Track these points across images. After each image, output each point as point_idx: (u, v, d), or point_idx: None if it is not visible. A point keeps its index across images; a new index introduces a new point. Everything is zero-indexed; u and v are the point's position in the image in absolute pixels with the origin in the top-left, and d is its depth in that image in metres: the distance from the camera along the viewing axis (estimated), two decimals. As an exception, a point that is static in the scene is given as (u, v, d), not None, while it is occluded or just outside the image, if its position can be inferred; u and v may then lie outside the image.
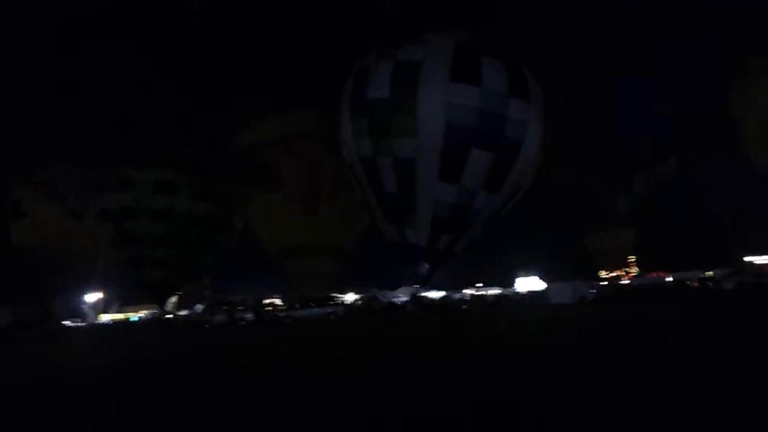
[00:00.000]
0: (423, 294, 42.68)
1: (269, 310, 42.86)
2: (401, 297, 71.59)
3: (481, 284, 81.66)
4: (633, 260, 64.86)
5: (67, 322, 65.76)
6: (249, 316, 44.88)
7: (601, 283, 49.26)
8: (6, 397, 12.88)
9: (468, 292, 72.80)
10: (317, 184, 41.72)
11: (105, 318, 75.91)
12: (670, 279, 56.56)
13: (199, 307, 75.03)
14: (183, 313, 73.76)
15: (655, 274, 59.02)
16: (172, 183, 44.78)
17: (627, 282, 54.11)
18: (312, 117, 41.72)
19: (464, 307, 51.40)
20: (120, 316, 79.19)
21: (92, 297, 70.19)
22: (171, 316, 73.91)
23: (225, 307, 46.02)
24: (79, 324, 64.32)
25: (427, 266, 39.25)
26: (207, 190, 45.28)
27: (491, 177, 37.21)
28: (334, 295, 42.70)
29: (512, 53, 38.52)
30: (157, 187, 44.47)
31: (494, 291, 78.95)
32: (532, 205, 49.84)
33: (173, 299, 79.97)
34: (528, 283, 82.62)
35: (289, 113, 43.03)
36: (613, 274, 60.65)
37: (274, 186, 41.40)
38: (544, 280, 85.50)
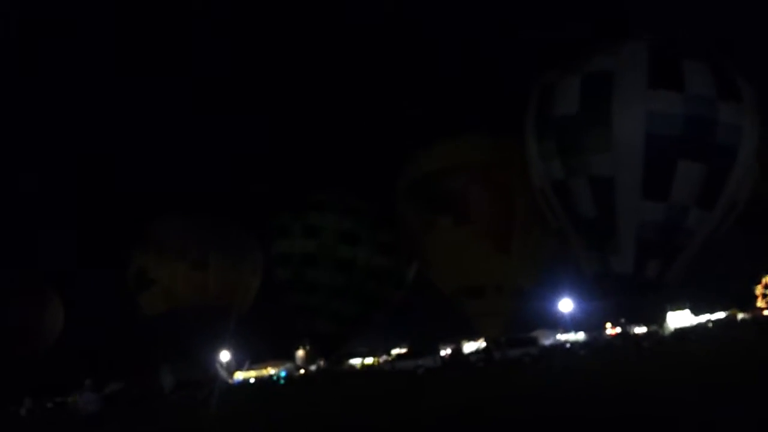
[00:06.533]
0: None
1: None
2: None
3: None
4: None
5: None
6: (427, 363, 42.51)
7: None
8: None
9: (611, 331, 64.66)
10: (511, 219, 38.97)
11: (240, 377, 74.47)
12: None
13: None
14: (312, 367, 71.64)
15: None
16: (355, 233, 43.58)
17: None
18: (506, 143, 38.81)
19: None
20: (253, 373, 77.79)
21: (225, 356, 67.44)
22: (303, 371, 72.00)
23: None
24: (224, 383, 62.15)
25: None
26: (388, 242, 43.79)
27: (704, 191, 32.80)
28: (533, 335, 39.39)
29: (716, 53, 34.61)
30: (341, 236, 43.33)
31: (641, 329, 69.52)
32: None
33: (301, 353, 77.88)
34: (680, 318, 72.91)
35: (478, 138, 40.72)
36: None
37: (463, 219, 39.04)
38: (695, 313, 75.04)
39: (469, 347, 57.97)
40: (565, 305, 61.00)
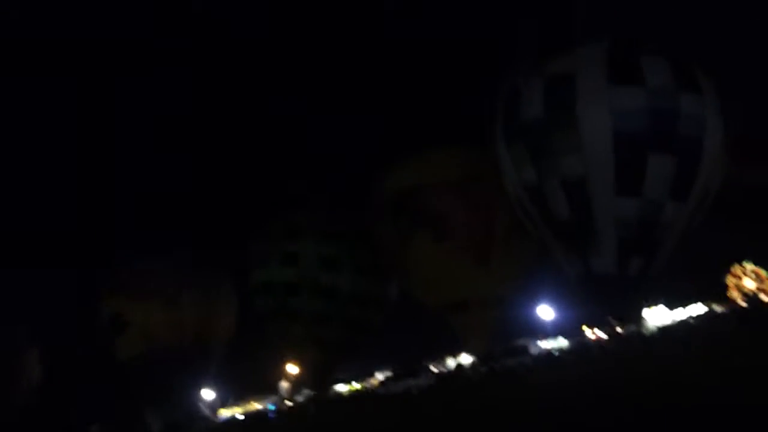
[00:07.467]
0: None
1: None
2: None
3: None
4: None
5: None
6: (420, 382, 41.53)
7: None
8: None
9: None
10: (490, 231, 38.79)
11: (225, 414, 72.21)
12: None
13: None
14: (299, 398, 69.58)
15: None
16: (335, 258, 43.10)
17: None
18: (481, 155, 38.18)
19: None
20: (238, 409, 75.43)
21: (207, 394, 65.48)
22: (290, 402, 69.95)
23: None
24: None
25: None
26: (369, 264, 43.26)
27: (676, 183, 32.91)
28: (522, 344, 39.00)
29: (674, 48, 34.92)
30: (321, 263, 42.83)
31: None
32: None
33: (285, 384, 76.05)
34: (656, 314, 70.86)
35: (453, 151, 40.35)
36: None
37: (442, 234, 38.79)
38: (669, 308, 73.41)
39: (460, 361, 56.99)
40: (545, 312, 60.23)
